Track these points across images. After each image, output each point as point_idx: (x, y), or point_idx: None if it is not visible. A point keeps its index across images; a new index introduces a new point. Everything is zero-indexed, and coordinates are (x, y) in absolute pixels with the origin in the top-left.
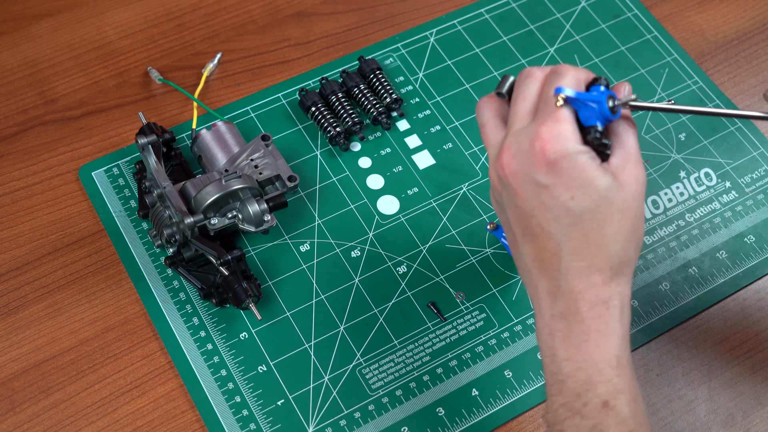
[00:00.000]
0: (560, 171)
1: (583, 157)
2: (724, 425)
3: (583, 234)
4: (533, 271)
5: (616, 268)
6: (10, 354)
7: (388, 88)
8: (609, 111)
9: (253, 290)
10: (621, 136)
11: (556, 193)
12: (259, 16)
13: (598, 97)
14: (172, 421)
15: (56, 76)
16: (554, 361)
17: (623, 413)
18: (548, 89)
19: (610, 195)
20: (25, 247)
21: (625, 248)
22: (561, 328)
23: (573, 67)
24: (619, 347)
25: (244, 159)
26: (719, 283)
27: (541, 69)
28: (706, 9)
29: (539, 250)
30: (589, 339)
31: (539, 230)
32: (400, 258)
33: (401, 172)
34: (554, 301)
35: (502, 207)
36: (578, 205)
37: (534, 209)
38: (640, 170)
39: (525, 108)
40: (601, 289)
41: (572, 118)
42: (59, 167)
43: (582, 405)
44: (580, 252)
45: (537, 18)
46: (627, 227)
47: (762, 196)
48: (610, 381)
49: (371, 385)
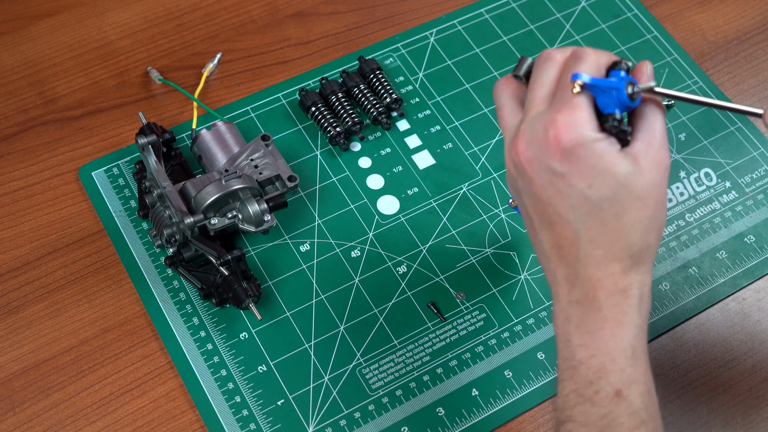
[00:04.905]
0: (576, 159)
1: (600, 144)
2: (724, 425)
3: (601, 222)
4: (551, 257)
5: (635, 257)
6: (10, 354)
7: (388, 88)
8: (628, 98)
9: (253, 290)
10: (648, 118)
11: (572, 181)
12: (259, 16)
13: (616, 83)
14: (172, 421)
15: (56, 76)
16: (568, 347)
17: (635, 404)
18: (566, 74)
19: (629, 182)
20: (25, 247)
21: (645, 236)
22: (577, 314)
23: (594, 50)
24: (636, 337)
25: (244, 159)
26: (719, 283)
27: (561, 51)
28: (706, 9)
29: (557, 237)
30: (605, 327)
31: (556, 218)
32: (400, 258)
33: (401, 172)
34: (572, 287)
35: (519, 193)
36: (596, 194)
37: (550, 197)
38: (664, 155)
39: (542, 93)
40: (619, 278)
41: (589, 105)
42: (59, 167)
43: (594, 392)
44: (599, 240)
45: (537, 18)
46: (647, 214)
47: (762, 196)
48: (624, 370)
49: (371, 385)
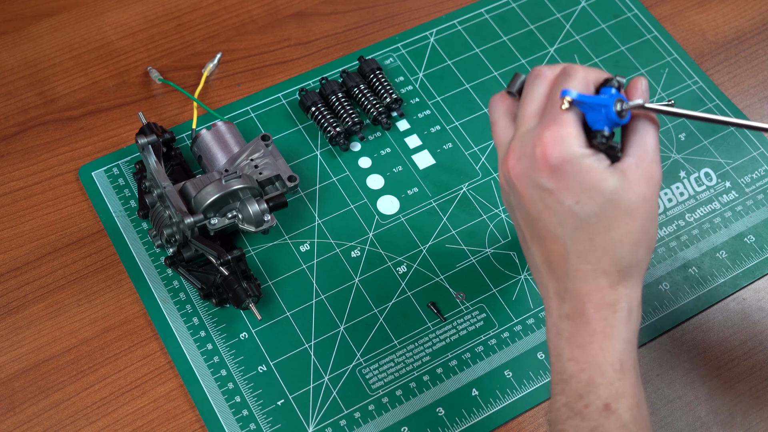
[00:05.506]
0: (564, 175)
1: (587, 160)
2: (724, 425)
3: (589, 237)
4: (542, 271)
5: (624, 271)
6: (10, 354)
7: (388, 88)
8: (616, 115)
9: (253, 290)
10: (639, 132)
11: (560, 197)
12: (259, 16)
13: (605, 100)
14: (172, 421)
15: (56, 76)
16: (559, 361)
17: (624, 417)
18: (556, 91)
19: (616, 197)
20: (25, 247)
21: (633, 251)
22: (567, 328)
23: (583, 68)
24: (624, 351)
25: (244, 159)
26: (719, 283)
27: (551, 68)
28: (706, 9)
29: (547, 252)
30: (593, 341)
31: (546, 233)
32: (400, 258)
33: (401, 172)
34: (562, 302)
35: (512, 208)
36: (583, 210)
37: (540, 212)
38: (655, 170)
39: (532, 109)
40: (607, 292)
41: (577, 122)
42: (59, 167)
43: (583, 406)
44: (587, 255)
45: (537, 18)
46: (635, 229)
47: (762, 196)
48: (612, 384)
49: (371, 385)
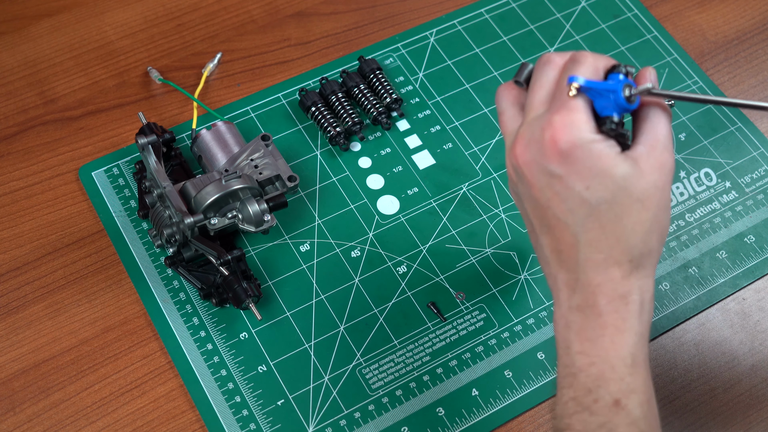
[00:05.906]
0: (574, 160)
1: (598, 146)
2: (724, 425)
3: (600, 225)
4: (552, 262)
5: (636, 261)
6: (10, 354)
7: (388, 88)
8: (624, 101)
9: (253, 290)
10: (651, 120)
11: (570, 183)
12: (259, 16)
13: (613, 86)
14: (172, 421)
15: (56, 76)
16: (568, 354)
17: (634, 414)
18: (564, 77)
19: (628, 184)
20: (25, 247)
21: (645, 240)
22: (577, 320)
23: (592, 54)
24: (636, 345)
25: (244, 159)
26: (719, 283)
27: (561, 55)
28: (706, 9)
29: (556, 242)
30: (605, 334)
31: (555, 221)
32: (400, 258)
33: (401, 172)
34: (572, 293)
35: (519, 198)
36: (594, 196)
37: (549, 200)
38: (667, 157)
39: (541, 96)
40: (619, 283)
41: (586, 107)
42: (59, 167)
43: (592, 401)
44: (598, 243)
45: (537, 18)
46: (648, 217)
47: (762, 196)
48: (623, 379)
49: (371, 385)
